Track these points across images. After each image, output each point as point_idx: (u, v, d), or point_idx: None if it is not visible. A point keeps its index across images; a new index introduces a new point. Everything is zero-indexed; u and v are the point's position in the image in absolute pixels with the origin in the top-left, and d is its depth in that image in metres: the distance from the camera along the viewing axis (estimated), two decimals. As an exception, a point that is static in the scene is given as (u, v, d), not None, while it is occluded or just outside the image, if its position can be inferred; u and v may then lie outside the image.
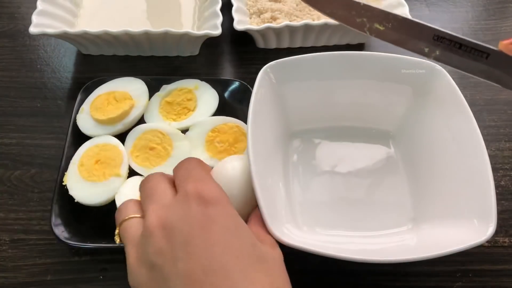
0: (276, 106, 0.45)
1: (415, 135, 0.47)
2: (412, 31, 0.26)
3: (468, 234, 0.36)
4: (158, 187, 0.32)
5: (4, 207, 0.45)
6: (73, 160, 0.45)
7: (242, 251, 0.27)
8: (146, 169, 0.45)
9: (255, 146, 0.37)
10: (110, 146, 0.46)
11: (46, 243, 0.43)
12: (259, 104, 0.40)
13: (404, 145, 0.49)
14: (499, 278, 0.42)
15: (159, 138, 0.47)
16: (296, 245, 0.32)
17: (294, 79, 0.45)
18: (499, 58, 0.26)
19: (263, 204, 0.33)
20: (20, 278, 0.41)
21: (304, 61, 0.44)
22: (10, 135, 0.51)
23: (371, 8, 0.26)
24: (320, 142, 0.49)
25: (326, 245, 0.38)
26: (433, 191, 0.43)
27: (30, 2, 0.62)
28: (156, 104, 0.50)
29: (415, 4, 0.69)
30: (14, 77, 0.57)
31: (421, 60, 0.45)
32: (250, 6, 0.61)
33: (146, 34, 0.53)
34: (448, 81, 0.44)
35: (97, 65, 0.59)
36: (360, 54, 0.46)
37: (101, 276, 0.41)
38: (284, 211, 0.40)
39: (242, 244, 0.27)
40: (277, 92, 0.44)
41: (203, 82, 0.51)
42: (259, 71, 0.42)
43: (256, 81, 0.41)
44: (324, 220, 0.43)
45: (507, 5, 0.70)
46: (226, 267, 0.25)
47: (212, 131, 0.47)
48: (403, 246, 0.40)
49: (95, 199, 0.43)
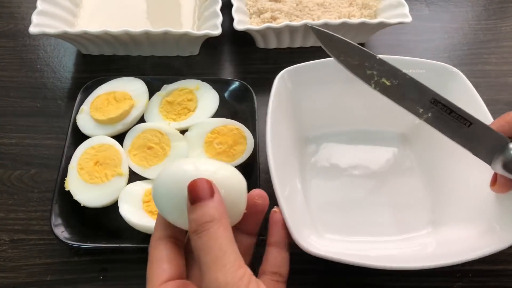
0: (292, 112, 0.45)
1: (431, 137, 0.47)
2: (414, 91, 0.27)
3: (489, 238, 0.36)
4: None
5: (4, 207, 0.45)
6: (71, 164, 0.45)
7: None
8: (143, 168, 0.45)
9: (275, 154, 0.36)
10: (106, 146, 0.46)
11: (46, 243, 0.43)
12: (276, 111, 0.40)
13: (420, 147, 0.48)
14: (499, 278, 0.42)
15: (157, 137, 0.47)
16: (322, 255, 0.32)
17: (310, 84, 0.45)
18: (480, 129, 0.28)
19: (287, 215, 0.33)
20: (20, 278, 0.41)
21: (320, 65, 0.44)
22: (10, 135, 0.51)
23: (384, 62, 0.26)
24: (335, 146, 0.48)
25: (349, 252, 0.38)
26: (451, 194, 0.43)
27: (30, 2, 0.62)
28: (156, 103, 0.50)
29: (415, 4, 0.69)
30: (14, 77, 0.57)
31: (436, 62, 0.45)
32: (250, 6, 0.61)
33: (146, 34, 0.53)
34: (464, 83, 0.43)
35: (97, 65, 0.59)
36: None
37: (101, 276, 0.41)
38: (303, 218, 0.40)
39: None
40: (293, 97, 0.44)
41: (204, 82, 0.51)
42: (275, 77, 0.42)
43: (272, 88, 0.41)
44: (342, 225, 0.42)
45: (507, 5, 0.70)
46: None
47: (212, 133, 0.47)
48: (424, 251, 0.40)
49: (101, 201, 0.43)
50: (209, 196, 0.25)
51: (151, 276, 0.27)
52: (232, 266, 0.24)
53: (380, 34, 0.62)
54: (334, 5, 0.61)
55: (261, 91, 0.54)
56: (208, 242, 0.24)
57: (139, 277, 0.41)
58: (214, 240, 0.24)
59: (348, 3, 0.62)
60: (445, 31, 0.66)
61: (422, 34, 0.65)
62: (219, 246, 0.24)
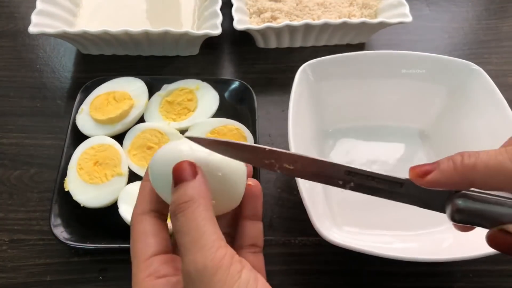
0: (313, 105, 0.45)
1: (450, 134, 0.47)
2: (323, 169, 0.26)
3: None
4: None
5: (3, 207, 0.45)
6: (71, 164, 0.45)
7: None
8: (143, 168, 0.45)
9: (297, 146, 0.37)
10: (105, 146, 0.46)
11: (46, 243, 0.43)
12: (298, 103, 0.41)
13: (439, 143, 0.48)
14: (499, 278, 0.42)
15: (157, 137, 0.46)
16: (345, 245, 0.33)
17: (331, 78, 0.45)
18: (413, 185, 0.26)
19: (309, 206, 0.34)
20: (19, 278, 0.41)
21: (342, 59, 0.45)
22: (9, 135, 0.51)
23: (277, 151, 0.25)
24: (354, 141, 0.49)
25: (369, 244, 0.38)
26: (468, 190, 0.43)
27: (29, 2, 0.62)
28: (156, 103, 0.50)
29: (415, 4, 0.69)
30: (13, 77, 0.57)
31: (455, 59, 0.45)
32: (250, 5, 0.61)
33: (146, 34, 0.53)
34: (486, 80, 0.43)
35: (97, 65, 0.59)
36: (398, 54, 0.46)
37: (101, 276, 0.41)
38: (323, 210, 0.40)
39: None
40: (314, 90, 0.45)
41: (204, 82, 0.51)
42: (298, 70, 0.42)
43: (295, 80, 0.41)
44: (361, 220, 0.43)
45: (507, 4, 0.70)
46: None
47: (211, 133, 0.47)
48: (441, 246, 0.40)
49: (100, 202, 0.43)
50: (191, 178, 0.24)
51: (136, 251, 0.26)
52: (211, 247, 0.22)
53: (381, 34, 0.62)
54: (335, 5, 0.61)
55: (261, 91, 0.54)
56: (185, 222, 0.23)
57: (138, 278, 0.41)
58: (192, 221, 0.23)
59: (349, 3, 0.62)
60: (445, 31, 0.66)
61: (422, 34, 0.65)
62: (196, 226, 0.23)
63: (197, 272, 0.22)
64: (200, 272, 0.22)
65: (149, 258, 0.25)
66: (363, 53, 0.46)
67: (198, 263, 0.22)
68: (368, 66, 0.46)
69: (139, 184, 0.44)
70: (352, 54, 0.45)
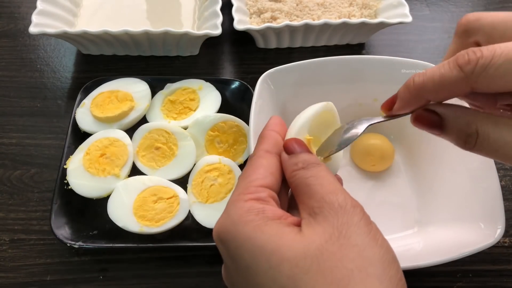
0: (277, 114, 0.44)
1: (416, 137, 0.47)
2: None
3: (474, 236, 0.36)
4: None
5: (4, 207, 0.45)
6: (82, 146, 0.45)
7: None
8: (152, 169, 0.45)
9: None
10: (120, 143, 0.46)
11: (46, 243, 0.43)
12: (259, 114, 0.41)
13: (406, 147, 0.49)
14: (499, 278, 0.42)
15: (164, 137, 0.47)
16: None
17: (292, 85, 0.45)
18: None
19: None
20: (20, 278, 0.41)
21: (301, 67, 0.45)
22: (10, 135, 0.51)
23: None
24: None
25: None
26: (437, 193, 0.43)
27: (30, 2, 0.62)
28: (158, 102, 0.50)
29: (415, 4, 0.69)
30: (14, 77, 0.57)
31: (419, 61, 0.45)
32: (250, 6, 0.61)
33: (146, 34, 0.53)
34: None
35: (97, 65, 0.59)
36: (358, 58, 0.46)
37: (101, 276, 0.41)
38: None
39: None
40: (277, 99, 0.44)
41: (207, 83, 0.51)
42: (258, 79, 0.42)
43: (255, 91, 0.41)
44: None
45: (507, 5, 0.70)
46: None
47: (212, 130, 0.47)
48: (411, 251, 0.40)
49: (87, 192, 0.43)
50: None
51: (249, 175, 0.27)
52: (343, 192, 0.25)
53: (380, 34, 0.62)
54: (334, 5, 0.61)
55: (261, 91, 0.54)
56: (319, 172, 0.26)
57: (139, 277, 0.41)
58: (325, 171, 0.26)
59: (348, 3, 0.62)
60: (445, 31, 0.66)
61: (422, 34, 0.65)
62: (329, 177, 0.25)
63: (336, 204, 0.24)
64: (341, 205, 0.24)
65: (260, 187, 0.26)
66: (322, 60, 0.45)
67: (333, 200, 0.24)
68: (328, 72, 0.45)
69: (132, 182, 0.44)
70: (311, 61, 0.45)
